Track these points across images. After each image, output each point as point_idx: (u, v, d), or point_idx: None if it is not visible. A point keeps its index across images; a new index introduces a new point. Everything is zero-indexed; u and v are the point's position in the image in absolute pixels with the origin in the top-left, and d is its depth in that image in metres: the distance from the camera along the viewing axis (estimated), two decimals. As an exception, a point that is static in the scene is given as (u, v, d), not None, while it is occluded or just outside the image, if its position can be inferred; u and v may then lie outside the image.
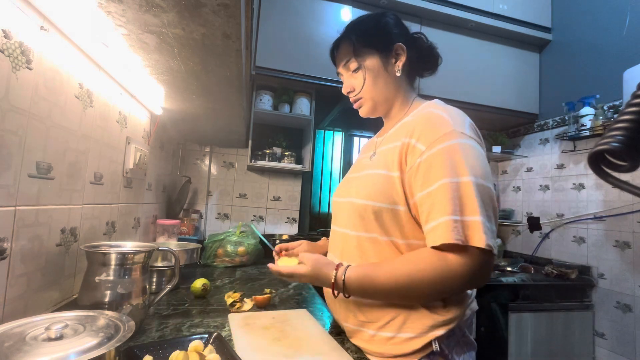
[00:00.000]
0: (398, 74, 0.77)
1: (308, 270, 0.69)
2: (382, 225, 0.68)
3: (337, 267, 0.67)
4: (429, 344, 0.64)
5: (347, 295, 0.68)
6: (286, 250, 0.91)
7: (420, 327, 0.64)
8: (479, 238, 0.57)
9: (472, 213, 0.58)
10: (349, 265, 0.67)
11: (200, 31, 0.68)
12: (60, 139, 0.75)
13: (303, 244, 0.94)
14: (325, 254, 0.88)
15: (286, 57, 1.76)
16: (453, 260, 0.59)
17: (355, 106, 0.83)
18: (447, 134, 0.63)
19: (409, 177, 0.66)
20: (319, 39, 1.82)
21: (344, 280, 0.65)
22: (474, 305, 0.72)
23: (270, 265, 0.75)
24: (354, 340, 0.74)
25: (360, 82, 0.78)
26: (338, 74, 0.85)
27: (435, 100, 0.76)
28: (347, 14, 1.88)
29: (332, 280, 0.66)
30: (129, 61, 0.84)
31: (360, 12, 1.89)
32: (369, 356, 0.70)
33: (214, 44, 0.73)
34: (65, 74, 0.75)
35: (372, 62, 0.77)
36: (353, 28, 0.80)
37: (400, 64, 0.77)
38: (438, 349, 0.64)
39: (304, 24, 1.81)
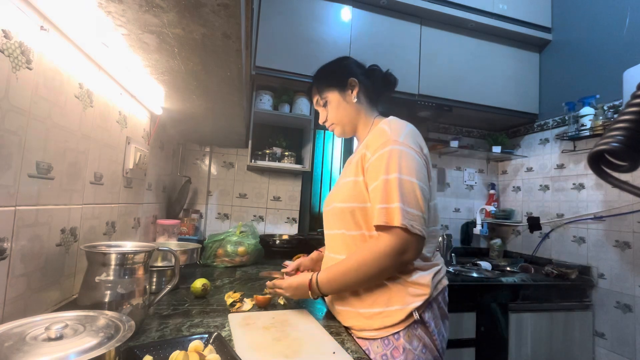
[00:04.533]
0: (355, 101, 0.96)
1: (289, 282, 0.89)
2: (356, 222, 0.85)
3: (311, 276, 0.86)
4: (411, 314, 0.78)
5: (324, 295, 0.87)
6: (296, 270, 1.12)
7: (402, 301, 0.80)
8: (397, 219, 0.74)
9: (393, 201, 0.75)
10: (318, 272, 0.86)
11: (200, 31, 0.68)
12: (60, 139, 0.75)
13: (303, 261, 1.13)
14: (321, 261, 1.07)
15: (286, 57, 1.76)
16: (380, 239, 0.77)
17: (329, 130, 1.03)
18: (384, 142, 0.82)
19: (365, 179, 0.84)
20: (319, 39, 1.82)
21: (317, 283, 0.84)
22: (445, 281, 0.89)
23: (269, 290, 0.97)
24: (346, 321, 0.86)
25: (327, 112, 0.99)
26: (315, 108, 1.05)
27: (390, 117, 0.93)
28: (347, 14, 1.88)
29: (308, 285, 0.85)
30: (129, 61, 0.84)
31: (360, 12, 1.90)
32: (360, 332, 0.83)
33: (214, 44, 0.73)
34: (65, 74, 0.75)
35: (332, 96, 0.97)
36: (317, 75, 1.02)
37: (354, 93, 0.95)
38: (418, 317, 0.79)
39: (304, 24, 1.81)
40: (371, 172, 0.82)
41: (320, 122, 1.04)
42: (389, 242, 0.75)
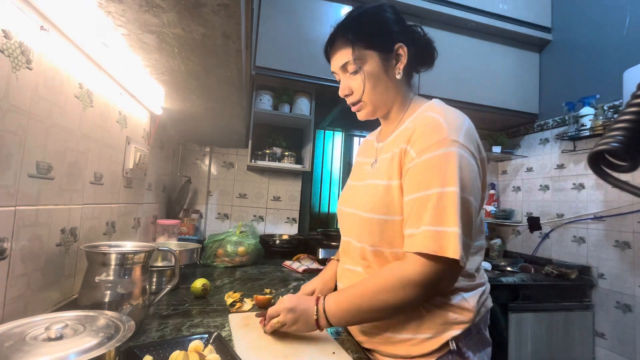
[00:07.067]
0: (399, 77, 0.73)
1: (291, 303, 0.70)
2: (386, 237, 0.68)
3: (317, 300, 0.69)
4: (446, 343, 0.65)
5: (330, 324, 0.68)
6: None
7: (436, 328, 0.65)
8: (452, 249, 0.56)
9: (449, 224, 0.58)
10: (326, 295, 0.69)
11: (200, 31, 0.68)
12: (60, 139, 0.75)
13: (317, 286, 0.91)
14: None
15: (286, 57, 1.76)
16: (410, 263, 0.60)
17: (353, 109, 0.79)
18: (439, 141, 0.62)
19: (403, 182, 0.66)
20: (319, 39, 1.82)
21: (324, 309, 0.67)
22: (489, 303, 0.73)
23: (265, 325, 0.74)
24: (370, 343, 0.73)
25: (359, 85, 0.73)
26: (333, 72, 0.79)
27: (434, 100, 0.74)
28: (347, 14, 1.88)
29: (315, 316, 0.68)
30: (129, 61, 0.84)
31: (360, 12, 1.89)
32: (385, 358, 0.70)
33: (214, 44, 0.73)
34: (65, 74, 0.75)
35: (372, 65, 0.72)
36: (351, 25, 0.73)
37: (401, 66, 0.73)
38: (455, 347, 0.65)
39: (304, 24, 1.81)
40: (417, 178, 0.62)
41: (342, 93, 0.77)
42: (423, 269, 0.58)
